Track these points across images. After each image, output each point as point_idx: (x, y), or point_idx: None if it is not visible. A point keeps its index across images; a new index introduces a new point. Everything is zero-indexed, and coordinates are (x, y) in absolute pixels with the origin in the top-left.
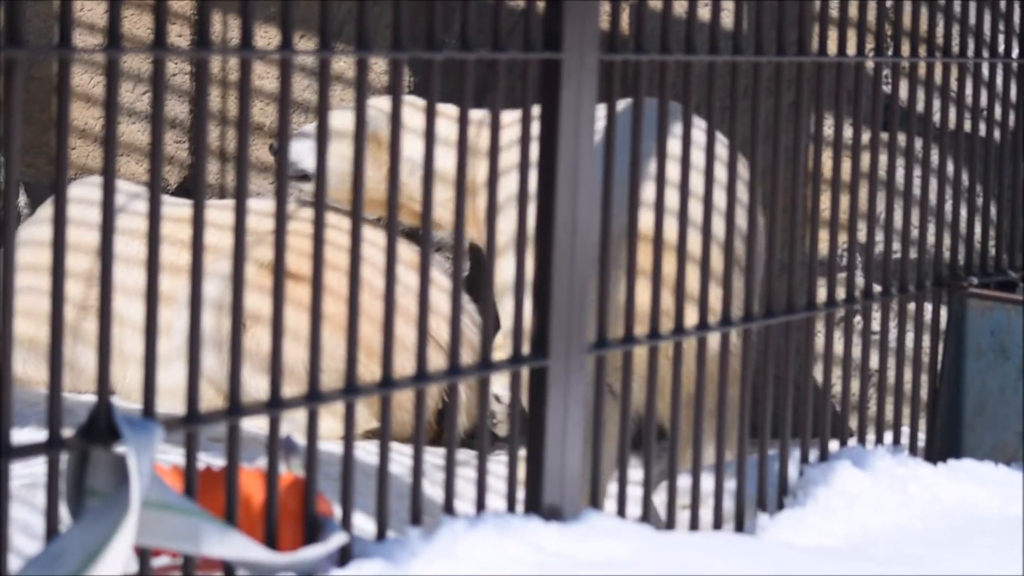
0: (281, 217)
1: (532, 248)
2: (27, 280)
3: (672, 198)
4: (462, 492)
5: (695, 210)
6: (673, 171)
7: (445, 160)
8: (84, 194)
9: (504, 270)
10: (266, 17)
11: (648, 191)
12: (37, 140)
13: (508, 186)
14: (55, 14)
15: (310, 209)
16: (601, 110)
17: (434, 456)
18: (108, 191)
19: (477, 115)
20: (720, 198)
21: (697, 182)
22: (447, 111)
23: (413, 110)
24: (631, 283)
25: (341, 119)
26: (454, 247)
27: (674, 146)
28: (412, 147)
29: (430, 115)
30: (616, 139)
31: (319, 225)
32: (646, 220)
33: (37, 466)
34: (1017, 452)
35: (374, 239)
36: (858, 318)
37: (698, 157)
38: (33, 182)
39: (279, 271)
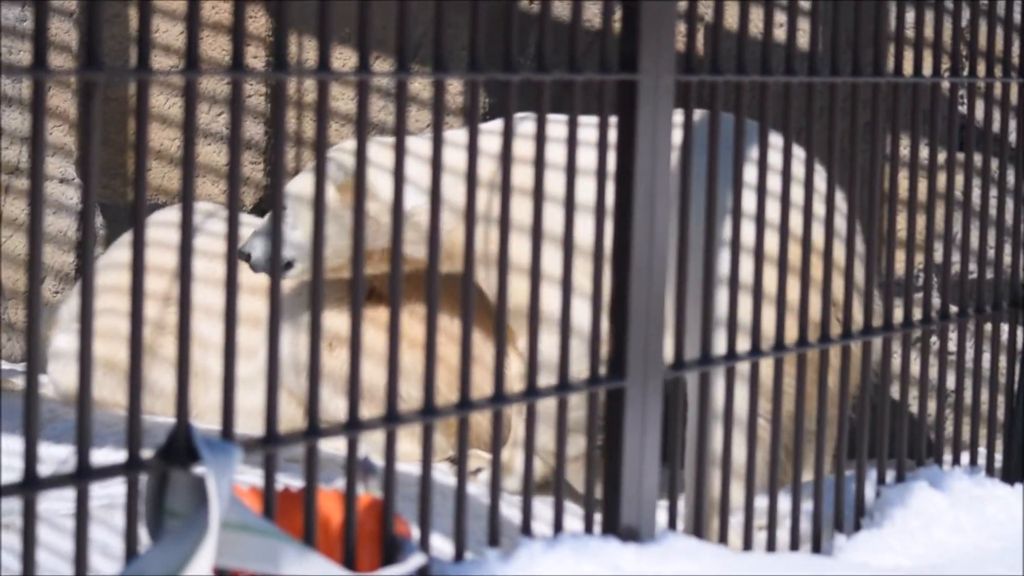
0: (359, 237)
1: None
2: (104, 301)
3: (748, 223)
4: (539, 513)
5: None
6: (749, 196)
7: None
8: (163, 217)
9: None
10: (342, 38)
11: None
12: (113, 162)
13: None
14: (130, 36)
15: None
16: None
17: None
18: (186, 211)
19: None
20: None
21: (772, 206)
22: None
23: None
24: (707, 303)
25: (300, 184)
26: (531, 270)
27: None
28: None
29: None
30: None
31: (396, 246)
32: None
33: (114, 487)
34: None
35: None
36: (934, 338)
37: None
38: (109, 204)
39: (357, 292)
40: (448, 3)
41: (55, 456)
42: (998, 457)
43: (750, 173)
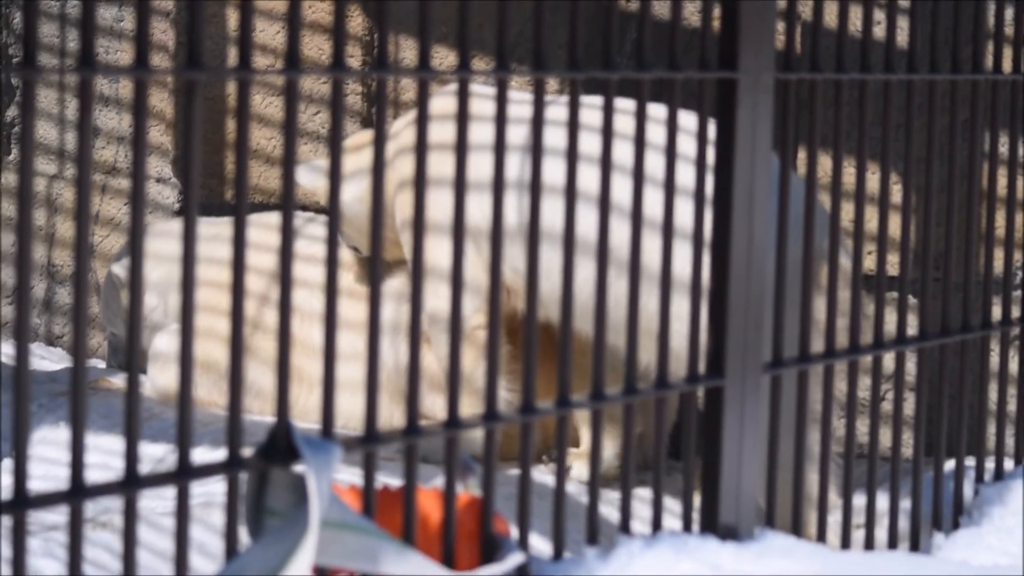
0: (459, 237)
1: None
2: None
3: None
4: (638, 512)
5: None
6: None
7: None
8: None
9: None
10: (440, 37)
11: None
12: (209, 161)
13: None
14: (228, 35)
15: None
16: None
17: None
18: (287, 210)
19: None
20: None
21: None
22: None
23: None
24: (806, 302)
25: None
26: (630, 270)
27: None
28: None
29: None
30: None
31: (496, 244)
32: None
33: (213, 485)
34: None
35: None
36: None
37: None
38: (207, 202)
39: (456, 291)
40: (546, 2)
41: (152, 455)
42: None
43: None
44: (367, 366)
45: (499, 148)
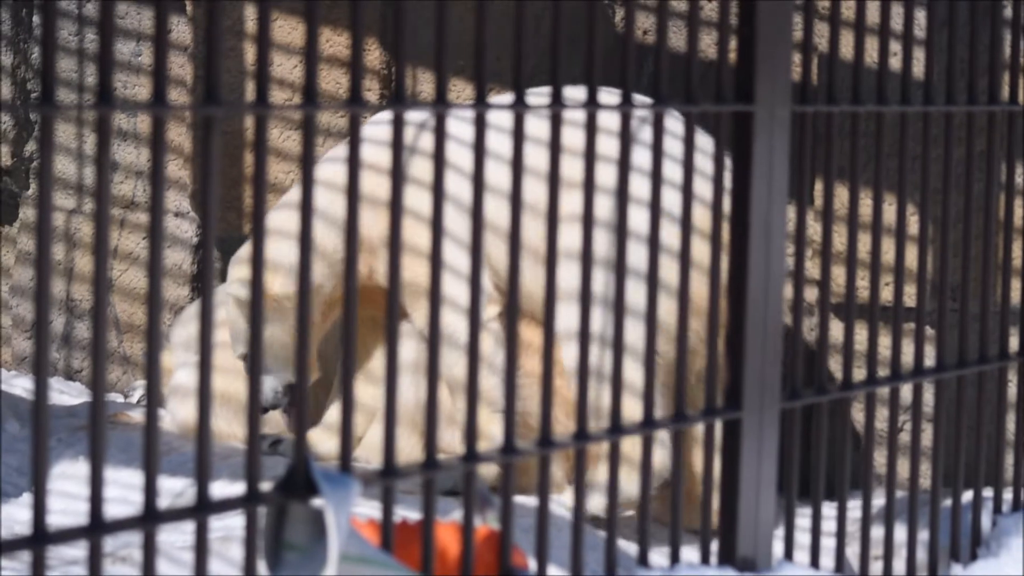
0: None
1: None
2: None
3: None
4: (656, 544)
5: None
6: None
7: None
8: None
9: None
10: (456, 70)
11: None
12: (227, 195)
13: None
14: (245, 70)
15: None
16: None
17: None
18: (304, 249)
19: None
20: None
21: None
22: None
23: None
24: (823, 332)
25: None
26: (647, 307)
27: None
28: None
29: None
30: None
31: (514, 282)
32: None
33: (231, 519)
34: None
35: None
36: None
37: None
38: (225, 236)
39: (474, 340)
40: (563, 36)
41: (171, 489)
42: None
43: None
44: (385, 401)
45: (516, 184)
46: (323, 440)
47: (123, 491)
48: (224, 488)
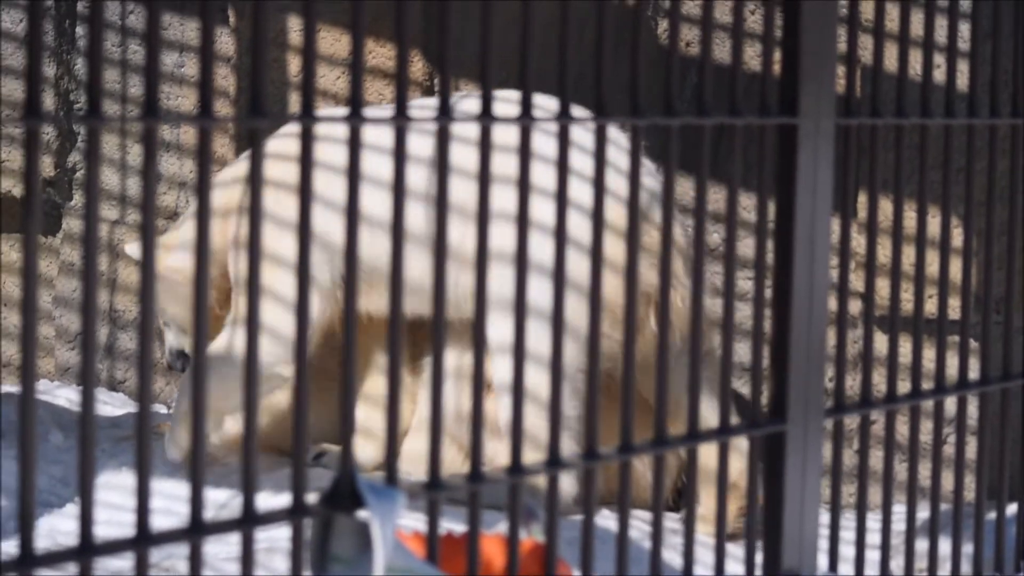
0: (522, 281)
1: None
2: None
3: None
4: (700, 557)
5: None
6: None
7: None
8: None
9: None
10: (500, 82)
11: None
12: None
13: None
14: (289, 81)
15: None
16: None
17: (672, 521)
18: (350, 260)
19: None
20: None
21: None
22: None
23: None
24: (867, 344)
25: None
26: (692, 322)
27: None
28: None
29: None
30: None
31: (559, 292)
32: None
33: (274, 530)
34: None
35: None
36: None
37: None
38: None
39: (520, 339)
40: (607, 47)
41: (215, 500)
42: None
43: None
44: (431, 411)
45: (561, 197)
46: (360, 447)
47: (166, 502)
48: (268, 500)
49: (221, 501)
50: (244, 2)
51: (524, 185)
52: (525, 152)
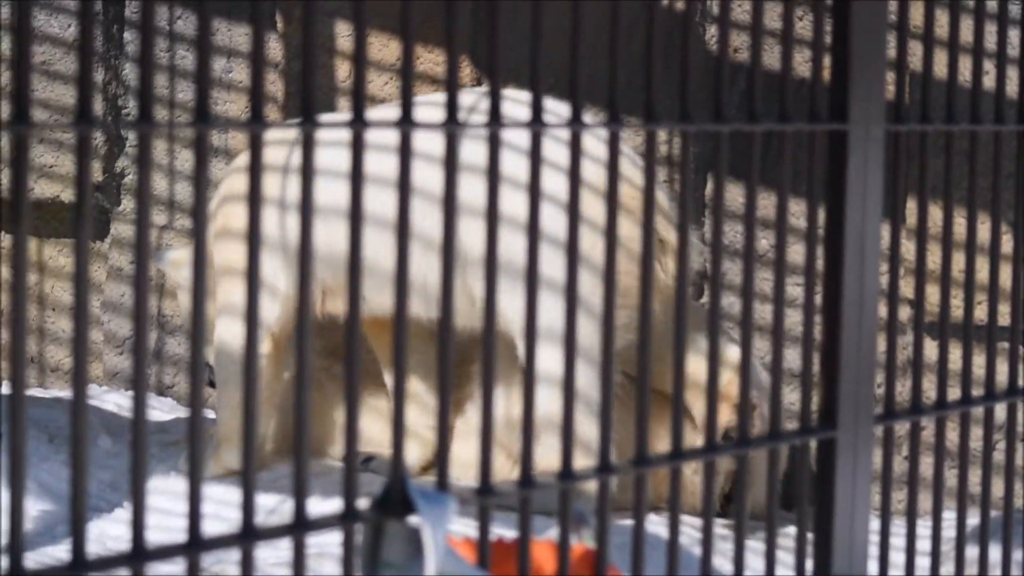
0: (571, 287)
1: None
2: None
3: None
4: (750, 563)
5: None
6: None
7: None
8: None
9: None
10: (549, 88)
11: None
12: None
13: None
14: (336, 87)
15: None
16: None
17: (723, 528)
18: (402, 271)
19: None
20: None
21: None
22: None
23: None
24: (917, 351)
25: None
26: (743, 325)
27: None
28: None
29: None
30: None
31: (609, 297)
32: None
33: (323, 535)
34: None
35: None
36: None
37: None
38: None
39: (570, 345)
40: (657, 53)
41: (264, 505)
42: None
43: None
44: (482, 417)
45: (611, 202)
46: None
47: (215, 507)
48: (317, 505)
49: (270, 506)
50: (292, 8)
51: (574, 190)
52: (575, 159)
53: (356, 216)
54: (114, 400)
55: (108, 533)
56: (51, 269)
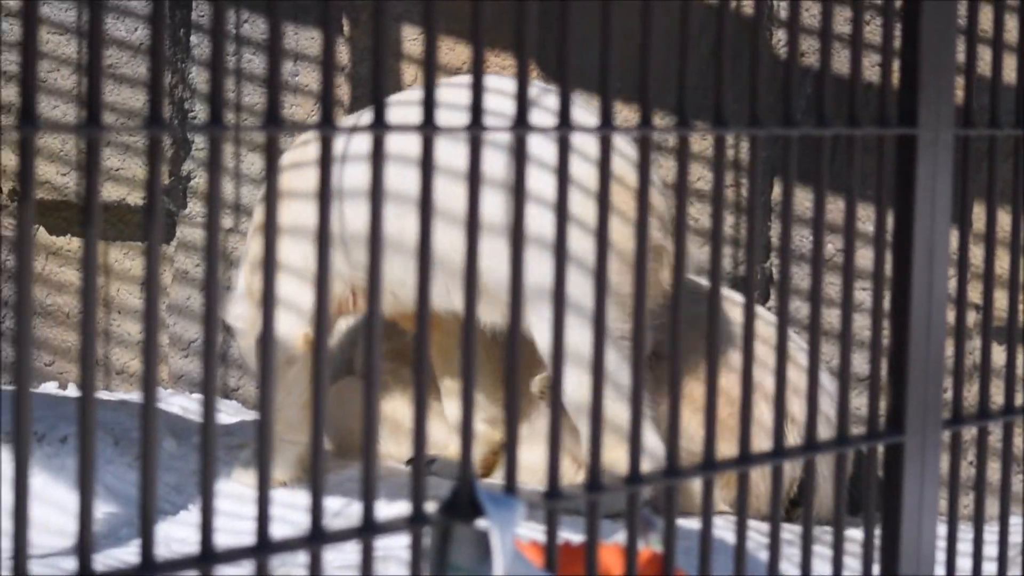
0: (639, 296)
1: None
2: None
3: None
4: (817, 568)
5: None
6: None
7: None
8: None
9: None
10: (616, 92)
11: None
12: None
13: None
14: (401, 89)
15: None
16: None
17: (789, 533)
18: (470, 274)
19: None
20: None
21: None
22: None
23: None
24: (985, 355)
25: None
26: (811, 333)
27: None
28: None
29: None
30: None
31: (676, 301)
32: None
33: (389, 538)
34: None
35: (732, 318)
36: None
37: None
38: None
39: (638, 349)
40: (727, 57)
41: (327, 508)
42: None
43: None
44: (550, 421)
45: (681, 208)
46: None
47: (280, 509)
48: (381, 508)
49: (334, 509)
50: (359, 12)
51: (646, 195)
52: (645, 163)
53: (426, 218)
54: (179, 403)
55: (173, 535)
56: (117, 272)
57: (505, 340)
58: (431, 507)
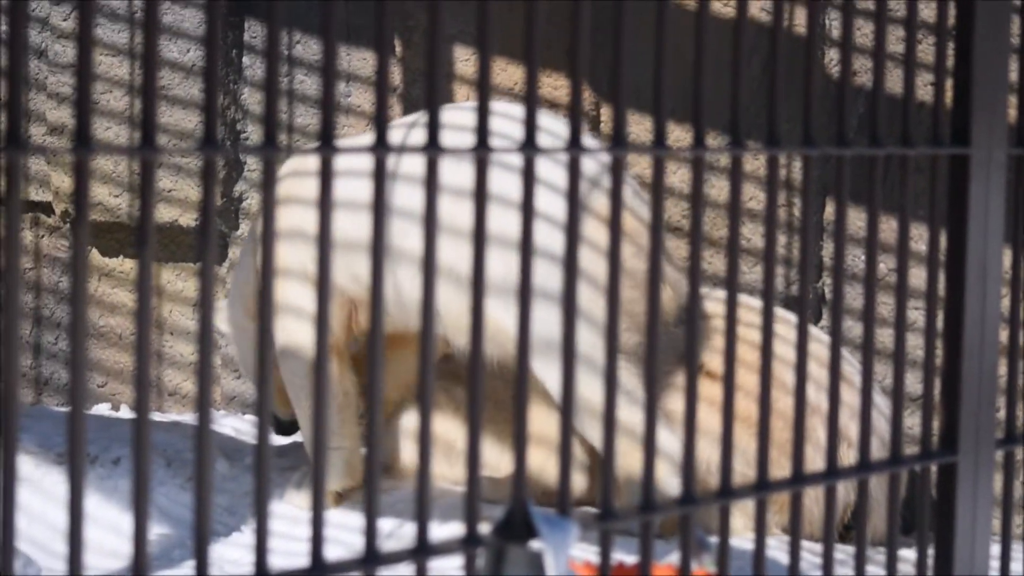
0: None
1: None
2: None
3: None
4: None
5: None
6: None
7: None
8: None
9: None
10: (670, 112)
11: None
12: None
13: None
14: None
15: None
16: None
17: (842, 553)
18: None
19: None
20: None
21: None
22: None
23: None
24: None
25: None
26: (864, 347)
27: None
28: None
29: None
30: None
31: (731, 321)
32: None
33: (443, 560)
34: None
35: (784, 334)
36: None
37: None
38: None
39: (691, 367)
40: (780, 76)
41: (380, 529)
42: None
43: None
44: (604, 441)
45: (733, 226)
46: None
47: (334, 531)
48: (435, 529)
49: (387, 530)
50: (411, 33)
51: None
52: (698, 183)
53: (480, 238)
54: (231, 424)
55: (226, 557)
56: (169, 293)
57: (562, 361)
58: (485, 528)
